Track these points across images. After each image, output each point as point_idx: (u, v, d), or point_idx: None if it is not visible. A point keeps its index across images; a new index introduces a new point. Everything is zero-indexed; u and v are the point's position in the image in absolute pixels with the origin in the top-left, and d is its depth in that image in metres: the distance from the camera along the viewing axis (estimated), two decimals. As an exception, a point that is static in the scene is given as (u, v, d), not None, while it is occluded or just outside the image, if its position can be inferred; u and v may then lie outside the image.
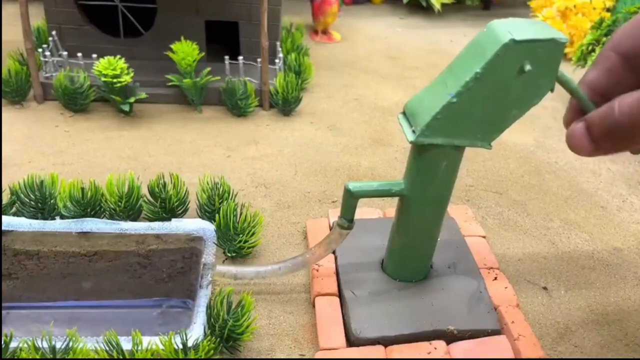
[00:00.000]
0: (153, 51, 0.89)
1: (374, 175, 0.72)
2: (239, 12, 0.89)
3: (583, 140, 0.38)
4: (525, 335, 0.47)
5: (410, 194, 0.46)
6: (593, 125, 0.37)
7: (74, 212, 0.57)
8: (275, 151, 0.76)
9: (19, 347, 0.42)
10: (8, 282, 0.50)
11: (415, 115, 0.42)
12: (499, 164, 0.76)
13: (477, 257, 0.55)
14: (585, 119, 0.38)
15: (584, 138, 0.38)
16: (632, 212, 0.68)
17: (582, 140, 0.38)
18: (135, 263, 0.53)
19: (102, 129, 0.79)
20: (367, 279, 0.52)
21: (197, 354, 0.42)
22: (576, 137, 0.38)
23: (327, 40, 1.19)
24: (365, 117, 0.87)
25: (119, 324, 0.46)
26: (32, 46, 0.81)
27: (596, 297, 0.54)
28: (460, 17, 1.40)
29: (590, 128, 0.37)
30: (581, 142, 0.38)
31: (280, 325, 0.50)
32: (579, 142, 0.38)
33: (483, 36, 0.39)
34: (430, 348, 0.46)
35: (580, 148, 0.38)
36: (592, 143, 0.37)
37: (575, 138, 0.38)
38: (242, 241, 0.55)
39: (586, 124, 0.38)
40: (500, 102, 0.40)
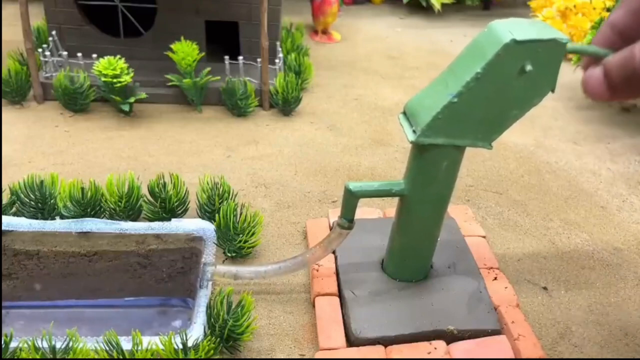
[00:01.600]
0: (153, 51, 0.89)
1: (374, 175, 0.72)
2: (239, 12, 0.89)
3: (600, 86, 0.37)
4: (525, 335, 0.47)
5: (411, 194, 0.46)
6: (611, 71, 0.36)
7: (74, 212, 0.57)
8: (275, 151, 0.76)
9: (19, 347, 0.42)
10: (8, 282, 0.50)
11: (415, 115, 0.42)
12: (499, 164, 0.76)
13: (477, 257, 0.55)
14: (604, 63, 0.36)
15: (601, 83, 0.36)
16: (632, 212, 0.68)
17: (599, 86, 0.37)
18: (135, 263, 0.53)
19: (102, 129, 0.79)
20: (367, 279, 0.52)
21: (197, 354, 0.42)
22: (593, 82, 0.37)
23: (327, 40, 1.19)
24: (365, 117, 0.87)
25: (119, 323, 0.46)
26: (32, 46, 0.81)
27: (596, 297, 0.54)
28: (460, 17, 1.40)
29: (608, 73, 0.36)
30: (598, 88, 0.37)
31: (280, 325, 0.50)
32: (595, 87, 0.37)
33: (484, 36, 0.39)
34: (430, 348, 0.46)
35: (597, 93, 0.37)
36: (610, 89, 0.36)
37: (591, 83, 0.37)
38: (242, 241, 0.55)
39: (604, 68, 0.36)
40: (501, 102, 0.40)
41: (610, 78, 0.36)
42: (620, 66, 0.35)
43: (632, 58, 0.34)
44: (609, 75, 0.36)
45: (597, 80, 0.37)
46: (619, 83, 0.36)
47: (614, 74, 0.36)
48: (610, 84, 0.36)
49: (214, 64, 0.86)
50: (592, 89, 0.37)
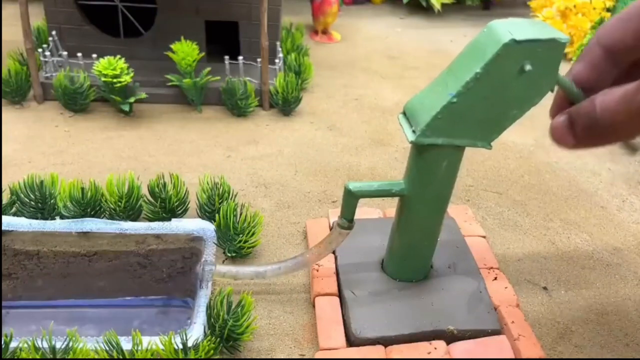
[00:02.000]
0: (153, 51, 0.89)
1: (374, 175, 0.72)
2: (239, 12, 0.89)
3: (565, 134, 0.38)
4: (525, 335, 0.47)
5: (411, 194, 0.46)
6: (575, 120, 0.37)
7: (74, 212, 0.57)
8: (275, 151, 0.76)
9: (19, 347, 0.42)
10: (8, 282, 0.50)
11: (415, 115, 0.42)
12: (499, 164, 0.76)
13: (477, 257, 0.55)
14: (569, 112, 0.38)
15: (566, 132, 0.38)
16: (632, 212, 0.68)
17: (564, 134, 0.38)
18: (135, 263, 0.53)
19: (102, 129, 0.79)
20: (367, 279, 0.52)
21: (197, 354, 0.42)
22: (559, 130, 0.39)
23: (327, 40, 1.19)
24: (365, 117, 0.87)
25: (119, 323, 0.46)
26: (32, 46, 0.81)
27: (596, 297, 0.54)
28: (460, 17, 1.40)
29: (572, 122, 0.38)
30: (563, 136, 0.38)
31: (280, 325, 0.50)
32: (561, 135, 0.39)
33: (483, 36, 0.39)
34: (430, 348, 0.46)
35: (563, 142, 0.39)
36: (574, 137, 0.38)
37: (558, 131, 0.39)
38: (242, 241, 0.55)
39: (569, 118, 0.38)
40: (501, 102, 0.40)
41: (574, 126, 0.38)
42: (582, 115, 0.37)
43: (593, 110, 0.36)
44: (573, 124, 0.38)
45: (562, 128, 0.38)
46: (581, 132, 0.37)
47: (577, 123, 0.37)
48: (574, 133, 0.38)
49: (214, 64, 0.86)
50: (558, 136, 0.39)
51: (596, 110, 0.36)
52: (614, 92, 0.35)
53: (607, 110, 0.35)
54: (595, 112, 0.36)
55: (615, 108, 0.35)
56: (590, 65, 0.40)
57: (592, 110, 0.36)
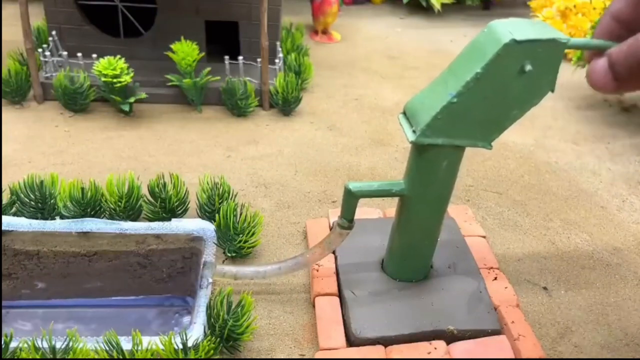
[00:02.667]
0: (153, 51, 0.89)
1: (374, 175, 0.72)
2: (239, 12, 0.89)
3: (605, 77, 0.36)
4: (525, 335, 0.47)
5: (411, 194, 0.46)
6: (617, 62, 0.35)
7: (74, 212, 0.57)
8: (275, 151, 0.76)
9: (19, 347, 0.42)
10: (8, 282, 0.50)
11: (415, 115, 0.42)
12: (499, 164, 0.76)
13: (477, 257, 0.55)
14: (609, 54, 0.35)
15: (607, 75, 0.36)
16: (632, 212, 0.68)
17: (605, 77, 0.36)
18: (135, 263, 0.53)
19: (102, 129, 0.79)
20: (367, 279, 0.52)
21: (197, 354, 0.42)
22: (598, 74, 0.36)
23: (327, 40, 1.19)
24: (365, 117, 0.87)
25: (119, 323, 0.46)
26: (32, 46, 0.81)
27: (596, 297, 0.54)
28: (460, 17, 1.40)
29: (613, 63, 0.35)
30: (604, 79, 0.36)
31: (280, 325, 0.50)
32: (601, 78, 0.36)
33: (483, 36, 0.39)
34: (430, 348, 0.46)
35: (602, 85, 0.36)
36: (616, 80, 0.35)
37: (597, 75, 0.36)
38: (242, 241, 0.55)
39: (609, 60, 0.35)
40: (501, 102, 0.40)
41: (615, 68, 0.35)
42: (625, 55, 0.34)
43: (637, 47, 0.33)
44: (614, 66, 0.35)
45: (602, 71, 0.36)
46: (625, 73, 0.35)
47: (619, 64, 0.35)
48: (615, 74, 0.35)
49: (214, 64, 0.86)
50: (598, 80, 0.36)
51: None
52: None
53: None
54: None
55: None
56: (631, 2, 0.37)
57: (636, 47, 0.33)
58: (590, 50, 0.38)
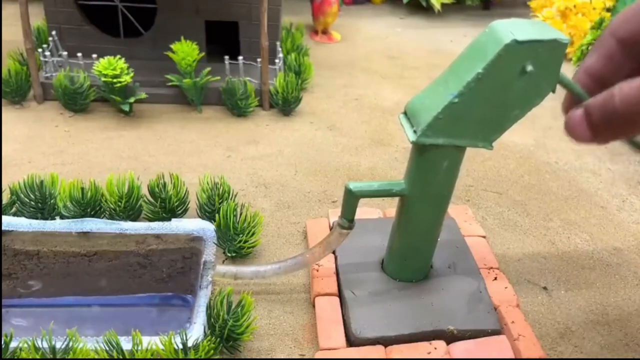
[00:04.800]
0: (153, 51, 0.89)
1: (374, 175, 0.72)
2: (239, 12, 0.89)
3: (582, 128, 0.37)
4: (525, 335, 0.47)
5: (411, 194, 0.46)
6: (592, 113, 0.36)
7: (74, 212, 0.57)
8: (275, 151, 0.76)
9: (19, 347, 0.42)
10: (8, 282, 0.50)
11: (416, 115, 0.42)
12: (499, 164, 0.76)
13: (477, 257, 0.55)
14: (585, 105, 0.37)
15: (583, 125, 0.37)
16: (632, 212, 0.68)
17: (581, 128, 0.37)
18: (135, 263, 0.53)
19: (102, 129, 0.79)
20: (367, 279, 0.52)
21: (197, 354, 0.42)
22: (575, 124, 0.37)
23: (327, 40, 1.19)
24: (365, 117, 0.87)
25: (119, 323, 0.46)
26: (32, 46, 0.81)
27: (596, 297, 0.54)
28: (461, 17, 1.40)
29: (589, 116, 0.36)
30: (580, 130, 0.37)
31: (280, 325, 0.50)
32: (577, 129, 0.37)
33: (484, 36, 0.39)
34: (430, 348, 0.46)
35: (579, 135, 0.37)
36: (591, 131, 0.37)
37: (574, 125, 0.37)
38: (242, 241, 0.55)
39: (585, 111, 0.37)
40: (502, 102, 0.40)
41: (591, 120, 0.36)
42: (600, 108, 0.35)
43: (611, 99, 0.34)
44: (590, 117, 0.36)
45: (579, 122, 0.37)
46: (600, 125, 0.36)
47: (594, 116, 0.36)
48: (591, 125, 0.36)
49: (214, 64, 0.86)
50: (574, 130, 0.38)
51: (615, 100, 0.34)
52: (633, 82, 0.34)
53: (626, 101, 0.34)
54: (614, 102, 0.34)
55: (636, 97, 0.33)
56: (605, 57, 0.39)
57: (610, 101, 0.35)
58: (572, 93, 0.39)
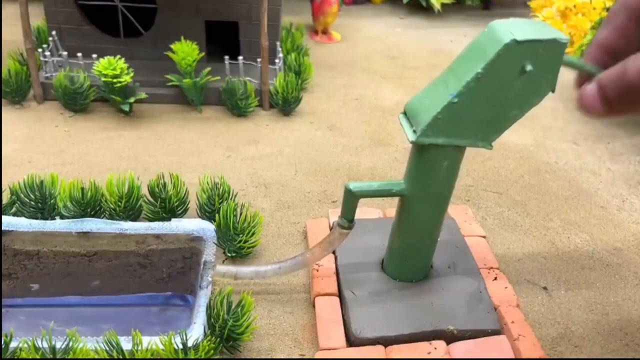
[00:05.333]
0: (153, 51, 0.89)
1: (374, 175, 0.72)
2: (239, 12, 0.89)
3: (595, 102, 0.37)
4: (525, 335, 0.47)
5: (411, 194, 0.46)
6: (605, 87, 0.36)
7: (74, 212, 0.57)
8: (275, 151, 0.76)
9: (19, 347, 0.42)
10: (8, 282, 0.50)
11: (416, 115, 0.42)
12: (499, 164, 0.76)
13: (477, 257, 0.55)
14: (598, 79, 0.37)
15: (596, 99, 0.37)
16: (632, 212, 0.68)
17: (595, 102, 0.37)
18: (135, 263, 0.53)
19: (102, 129, 0.79)
20: (367, 279, 0.52)
21: (197, 354, 0.42)
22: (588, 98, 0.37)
23: (327, 40, 1.19)
24: (365, 117, 0.87)
25: (119, 323, 0.46)
26: (32, 46, 0.81)
27: (596, 297, 0.54)
28: (460, 17, 1.40)
29: (602, 89, 0.36)
30: (593, 104, 0.37)
31: (280, 325, 0.50)
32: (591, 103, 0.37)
33: (484, 36, 0.39)
34: (430, 348, 0.46)
35: (593, 109, 0.37)
36: (605, 104, 0.37)
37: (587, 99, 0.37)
38: (242, 241, 0.55)
39: (598, 85, 0.37)
40: (501, 102, 0.40)
41: (604, 93, 0.36)
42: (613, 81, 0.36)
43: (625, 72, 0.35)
44: (604, 91, 0.36)
45: (592, 96, 0.37)
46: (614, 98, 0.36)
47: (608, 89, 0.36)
48: (605, 99, 0.36)
49: (214, 64, 0.86)
50: (588, 104, 0.37)
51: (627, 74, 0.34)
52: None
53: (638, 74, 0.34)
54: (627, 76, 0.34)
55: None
56: (617, 30, 0.39)
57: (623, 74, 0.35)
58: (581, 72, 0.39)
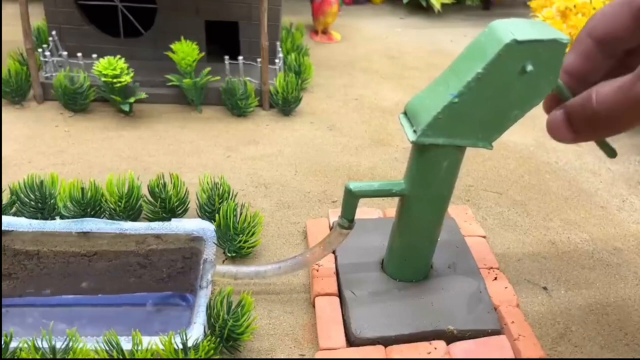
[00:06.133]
0: (153, 51, 0.89)
1: (374, 175, 0.72)
2: (239, 12, 0.89)
3: (563, 128, 0.38)
4: (525, 335, 0.47)
5: (411, 194, 0.46)
6: (572, 114, 0.37)
7: (74, 212, 0.57)
8: (275, 151, 0.76)
9: (19, 347, 0.42)
10: (8, 282, 0.50)
11: (416, 115, 0.42)
12: (499, 164, 0.76)
13: (477, 257, 0.55)
14: (565, 106, 0.38)
15: (564, 126, 0.38)
16: (632, 212, 0.68)
17: (562, 128, 0.38)
18: (135, 263, 0.53)
19: (102, 129, 0.79)
20: (367, 279, 0.52)
21: (197, 354, 0.42)
22: (556, 125, 0.38)
23: (327, 40, 1.19)
24: (365, 117, 0.87)
25: (119, 323, 0.46)
26: (32, 46, 0.81)
27: (596, 297, 0.54)
28: (460, 17, 1.40)
29: (569, 116, 0.37)
30: (561, 130, 0.38)
31: (280, 325, 0.50)
32: (559, 130, 0.38)
33: (484, 36, 0.39)
34: (430, 348, 0.46)
35: (561, 136, 0.38)
36: (572, 131, 0.38)
37: (555, 126, 0.38)
38: (242, 241, 0.55)
39: (565, 111, 0.38)
40: (502, 102, 0.40)
41: (572, 121, 0.37)
42: (579, 109, 0.36)
43: (589, 100, 0.35)
44: (571, 118, 0.37)
45: (560, 123, 0.38)
46: (580, 125, 0.37)
47: (574, 117, 0.37)
48: (572, 126, 0.37)
49: (214, 64, 0.86)
50: (555, 131, 0.39)
51: (593, 102, 0.35)
52: (611, 84, 0.35)
53: (604, 102, 0.35)
54: (592, 104, 0.35)
55: (613, 100, 0.34)
56: (583, 56, 0.39)
57: (589, 102, 0.36)
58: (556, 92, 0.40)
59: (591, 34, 0.39)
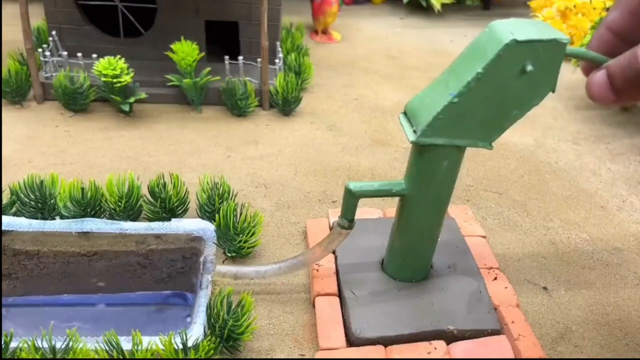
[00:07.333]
0: (153, 51, 0.89)
1: (374, 175, 0.72)
2: (239, 12, 0.89)
3: (605, 90, 0.36)
4: (525, 335, 0.47)
5: (411, 194, 0.46)
6: (615, 74, 0.35)
7: (74, 212, 0.57)
8: (275, 151, 0.76)
9: (19, 347, 0.42)
10: (8, 282, 0.50)
11: (416, 115, 0.42)
12: (499, 164, 0.76)
13: (477, 257, 0.55)
14: (607, 67, 0.36)
15: (606, 87, 0.36)
16: (632, 212, 0.68)
17: (604, 90, 0.36)
18: (135, 263, 0.53)
19: (102, 129, 0.79)
20: (367, 279, 0.52)
21: (197, 354, 0.42)
22: (597, 86, 0.36)
23: (327, 40, 1.19)
24: (365, 117, 0.87)
25: (119, 323, 0.46)
26: (32, 46, 0.81)
27: (596, 297, 0.54)
28: (460, 17, 1.40)
29: (611, 77, 0.36)
30: (603, 92, 0.36)
31: (280, 325, 0.50)
32: (600, 91, 0.36)
33: (484, 36, 0.39)
34: (430, 348, 0.46)
35: (602, 98, 0.36)
36: (615, 92, 0.36)
37: (596, 88, 0.36)
38: (242, 241, 0.55)
39: (607, 72, 0.36)
40: (502, 102, 0.40)
41: (614, 81, 0.35)
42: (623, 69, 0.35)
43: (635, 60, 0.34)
44: (613, 79, 0.36)
45: (601, 84, 0.36)
46: (624, 86, 0.35)
47: (617, 77, 0.35)
48: (615, 87, 0.36)
49: (214, 64, 0.86)
50: (597, 93, 0.36)
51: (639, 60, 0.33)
52: None
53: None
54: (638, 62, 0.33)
55: None
56: (627, 12, 0.38)
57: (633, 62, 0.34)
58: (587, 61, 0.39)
59: None
